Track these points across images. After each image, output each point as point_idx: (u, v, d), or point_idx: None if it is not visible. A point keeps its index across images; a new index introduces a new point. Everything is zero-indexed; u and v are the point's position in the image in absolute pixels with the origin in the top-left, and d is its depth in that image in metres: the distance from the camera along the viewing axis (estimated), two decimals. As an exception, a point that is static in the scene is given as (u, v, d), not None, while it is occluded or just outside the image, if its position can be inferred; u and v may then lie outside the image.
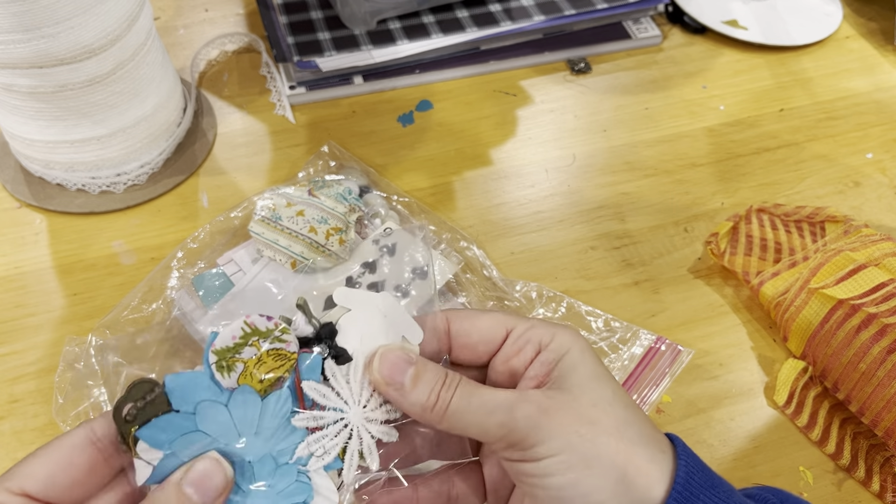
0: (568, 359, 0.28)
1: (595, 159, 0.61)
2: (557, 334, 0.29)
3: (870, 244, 0.50)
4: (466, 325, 0.30)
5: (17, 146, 0.56)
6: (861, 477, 0.45)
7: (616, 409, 0.27)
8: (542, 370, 0.28)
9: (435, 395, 0.27)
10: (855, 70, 0.70)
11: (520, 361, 0.29)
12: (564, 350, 0.28)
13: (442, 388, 0.27)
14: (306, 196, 0.51)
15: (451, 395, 0.27)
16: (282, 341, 0.27)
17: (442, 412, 0.27)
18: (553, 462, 0.26)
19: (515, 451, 0.26)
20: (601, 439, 0.26)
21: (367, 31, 0.67)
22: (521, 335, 0.29)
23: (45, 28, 0.46)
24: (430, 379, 0.27)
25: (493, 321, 0.30)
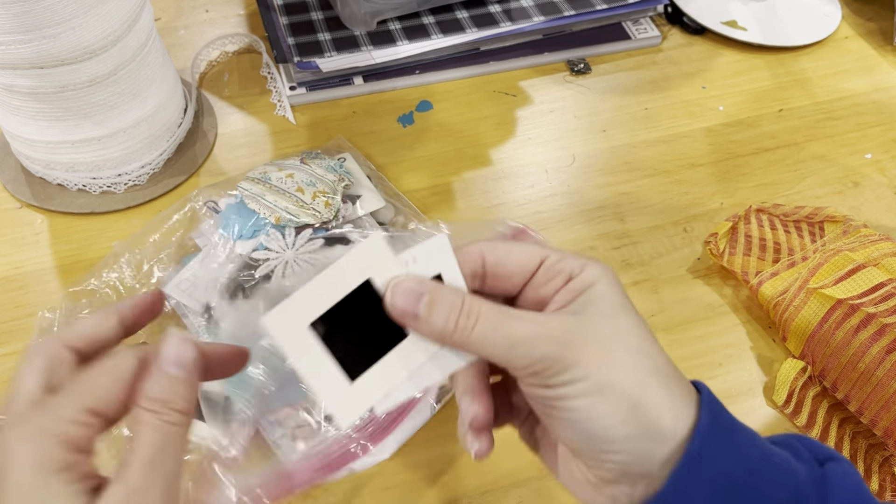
0: (595, 289, 0.29)
1: (595, 159, 0.61)
2: (588, 265, 0.29)
3: (869, 244, 0.50)
4: (501, 255, 0.30)
5: (18, 146, 0.56)
6: (860, 476, 0.45)
7: (633, 339, 0.28)
8: (568, 297, 0.29)
9: (453, 322, 0.27)
10: (854, 70, 0.70)
11: (548, 289, 0.29)
12: (592, 280, 0.29)
13: (460, 314, 0.27)
14: (298, 163, 0.52)
15: (472, 323, 0.27)
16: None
17: (464, 339, 0.27)
18: (570, 389, 0.27)
19: (537, 380, 0.27)
20: (616, 369, 0.27)
21: (367, 31, 0.67)
22: (553, 265, 0.29)
23: (46, 29, 0.46)
24: (447, 305, 0.27)
25: (527, 251, 0.30)
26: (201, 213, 0.53)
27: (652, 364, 0.27)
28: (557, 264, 0.29)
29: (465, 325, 0.27)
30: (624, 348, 0.27)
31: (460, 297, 0.28)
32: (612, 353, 0.27)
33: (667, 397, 0.27)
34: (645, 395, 0.26)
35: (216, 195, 0.54)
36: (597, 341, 0.27)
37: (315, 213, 0.50)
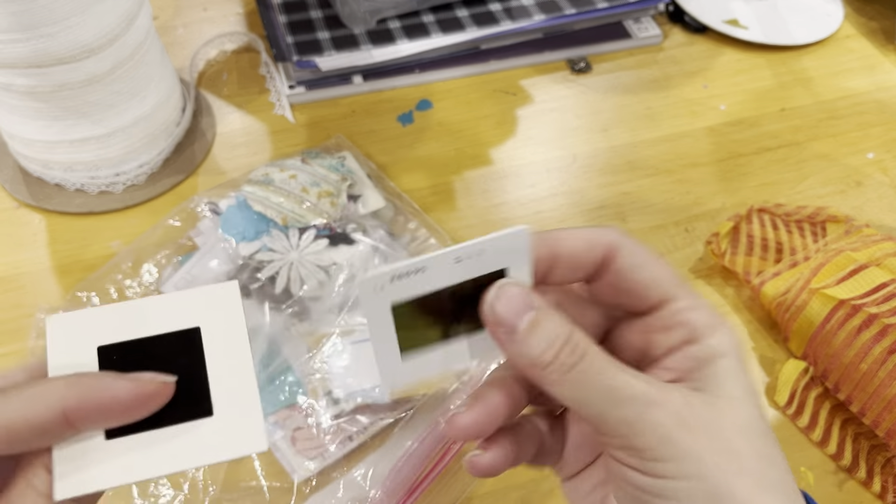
0: (722, 364, 0.23)
1: (595, 159, 0.61)
2: (718, 331, 0.24)
3: (871, 244, 0.50)
4: (634, 265, 0.24)
5: (15, 146, 0.56)
6: (862, 478, 0.45)
7: (760, 442, 0.23)
8: (687, 365, 0.24)
9: (552, 354, 0.23)
10: (856, 69, 0.69)
11: (662, 341, 0.24)
12: (721, 353, 0.24)
13: (563, 347, 0.23)
14: (299, 163, 0.52)
15: (573, 362, 0.23)
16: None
17: (559, 376, 0.23)
18: (677, 486, 0.22)
19: (632, 456, 0.22)
20: (739, 478, 0.21)
21: (367, 30, 0.67)
22: (680, 312, 0.24)
23: (43, 27, 0.46)
24: (552, 332, 0.23)
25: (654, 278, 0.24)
26: (200, 213, 0.53)
27: (778, 477, 0.22)
28: (686, 313, 0.24)
29: (566, 361, 0.23)
30: (751, 452, 0.22)
31: (568, 327, 0.23)
32: (738, 455, 0.22)
33: None
34: None
35: (216, 196, 0.54)
36: (722, 434, 0.22)
37: (322, 214, 0.50)
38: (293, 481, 0.43)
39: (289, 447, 0.44)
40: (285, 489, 0.43)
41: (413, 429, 0.44)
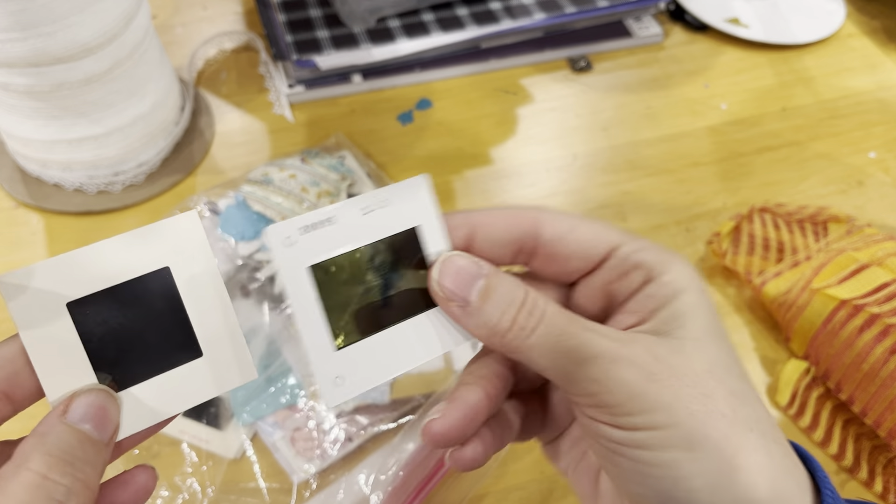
0: (684, 300, 0.23)
1: (596, 158, 0.61)
2: (674, 265, 0.23)
3: (872, 244, 0.50)
4: (562, 231, 0.24)
5: (14, 145, 0.55)
6: (864, 478, 0.44)
7: (732, 379, 0.22)
8: (649, 306, 0.23)
9: (509, 319, 0.22)
10: (858, 68, 0.69)
11: (622, 288, 0.24)
12: (680, 288, 0.23)
13: (520, 310, 0.22)
14: (299, 163, 0.52)
15: (534, 324, 0.22)
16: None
17: (519, 343, 0.22)
18: (650, 436, 0.21)
19: (603, 413, 0.22)
20: (713, 419, 0.21)
21: (367, 29, 0.66)
22: (628, 256, 0.23)
23: (42, 27, 0.46)
24: (506, 296, 0.22)
25: (595, 232, 0.24)
26: (199, 212, 0.53)
27: (752, 414, 0.22)
28: (634, 255, 0.23)
29: (525, 324, 0.22)
30: (722, 391, 0.22)
31: (522, 290, 0.22)
32: (710, 397, 0.21)
33: (767, 464, 0.21)
34: (742, 456, 0.21)
35: (215, 196, 0.54)
36: (692, 378, 0.21)
37: None
38: (293, 482, 0.43)
39: (288, 448, 0.43)
40: (285, 490, 0.42)
41: (414, 430, 0.44)
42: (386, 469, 0.42)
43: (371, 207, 0.24)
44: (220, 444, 0.44)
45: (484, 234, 0.24)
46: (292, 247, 0.23)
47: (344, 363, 0.23)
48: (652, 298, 0.23)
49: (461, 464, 0.24)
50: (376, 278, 0.24)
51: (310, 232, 0.23)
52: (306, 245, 0.23)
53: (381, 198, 0.24)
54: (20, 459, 0.19)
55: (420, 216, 0.24)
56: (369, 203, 0.24)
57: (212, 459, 0.43)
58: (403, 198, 0.24)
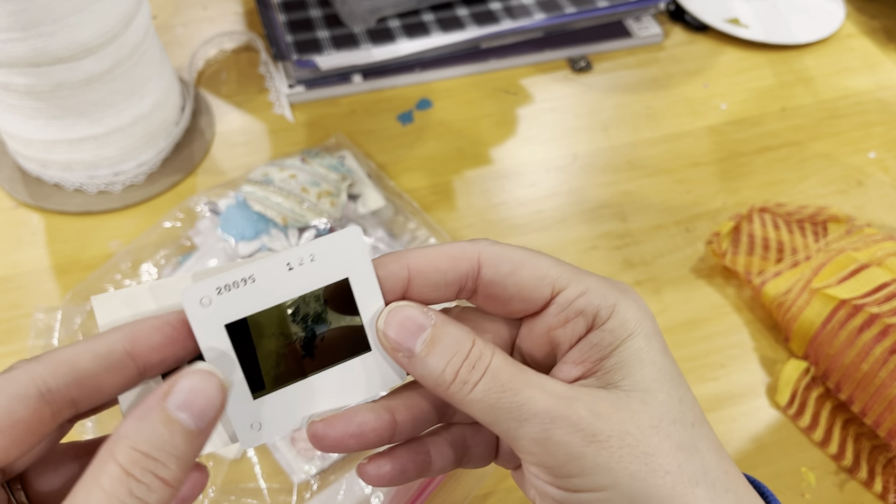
0: (629, 347, 0.22)
1: (596, 158, 0.61)
2: (619, 308, 0.22)
3: (872, 244, 0.50)
4: (502, 274, 0.23)
5: (14, 145, 0.55)
6: (863, 478, 0.44)
7: (681, 431, 0.22)
8: (592, 355, 0.23)
9: (452, 372, 0.22)
10: (857, 69, 0.69)
11: (565, 336, 0.23)
12: (626, 333, 0.22)
13: (463, 364, 0.22)
14: (299, 163, 0.52)
15: (476, 379, 0.21)
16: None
17: (462, 397, 0.22)
18: (592, 497, 0.21)
19: (546, 472, 0.22)
20: (655, 478, 0.21)
21: (367, 29, 0.66)
22: (571, 303, 0.23)
23: (42, 26, 0.46)
24: (451, 349, 0.22)
25: (536, 275, 0.23)
26: (200, 213, 0.53)
27: (700, 467, 0.21)
28: (577, 301, 0.23)
29: (467, 378, 0.22)
30: (668, 446, 0.21)
31: (469, 340, 0.22)
32: (652, 454, 0.21)
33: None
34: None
35: (215, 196, 0.54)
36: (634, 436, 0.21)
37: (322, 213, 0.50)
38: (293, 483, 0.43)
39: (288, 448, 0.43)
40: (285, 490, 0.42)
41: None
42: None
43: (296, 263, 0.23)
44: (221, 444, 0.44)
45: (422, 278, 0.24)
46: (208, 307, 0.22)
47: (261, 411, 0.23)
48: (596, 347, 0.23)
49: (363, 476, 0.25)
50: (300, 330, 0.24)
51: (228, 291, 0.23)
52: (224, 304, 0.22)
53: (309, 252, 0.23)
54: (113, 444, 0.19)
55: (350, 267, 0.24)
56: (295, 259, 0.23)
57: (212, 459, 0.43)
58: (333, 251, 0.23)
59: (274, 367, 0.23)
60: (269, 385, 0.23)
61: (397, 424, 0.24)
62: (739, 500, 0.22)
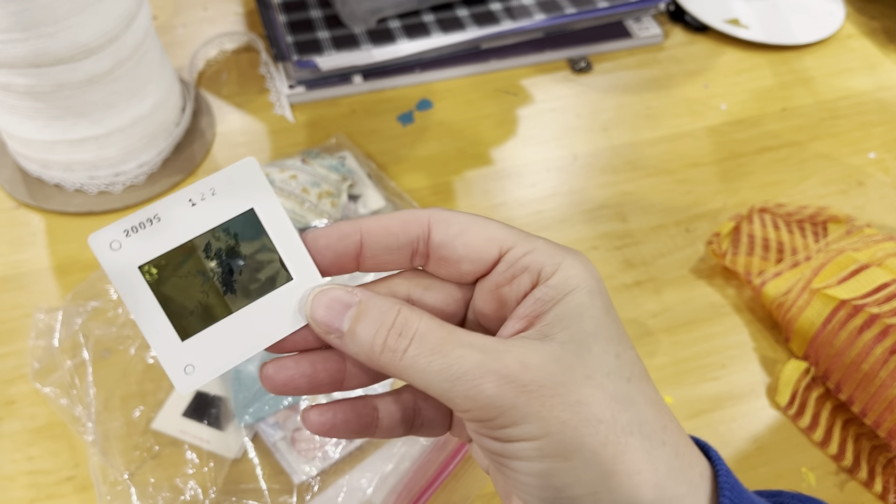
0: (570, 301, 0.22)
1: (596, 159, 0.61)
2: (564, 265, 0.23)
3: (872, 244, 0.50)
4: (451, 235, 0.24)
5: (14, 146, 0.55)
6: (863, 478, 0.44)
7: (616, 383, 0.22)
8: (536, 309, 0.23)
9: (380, 342, 0.22)
10: (857, 69, 0.69)
11: (511, 293, 0.24)
12: (568, 288, 0.22)
13: (390, 332, 0.22)
14: (299, 163, 0.52)
15: (405, 345, 0.22)
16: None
17: (394, 364, 0.22)
18: (525, 447, 0.21)
19: (482, 426, 0.22)
20: (588, 427, 0.21)
21: (367, 29, 0.67)
22: (517, 260, 0.23)
23: (43, 27, 0.46)
24: (376, 320, 0.22)
25: (484, 236, 0.24)
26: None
27: (635, 419, 0.22)
28: (523, 259, 0.23)
29: (396, 346, 0.22)
30: (602, 396, 0.21)
31: (394, 310, 0.22)
32: (585, 403, 0.21)
33: (649, 467, 0.21)
34: (622, 462, 0.21)
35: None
36: (565, 385, 0.21)
37: (322, 214, 0.50)
38: (293, 483, 0.43)
39: (289, 448, 0.44)
40: (286, 491, 0.42)
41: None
42: (388, 470, 0.42)
43: (198, 198, 0.24)
44: (221, 445, 0.44)
45: (373, 240, 0.24)
46: (119, 251, 0.23)
47: (192, 353, 0.24)
48: (538, 302, 0.23)
49: (305, 422, 0.25)
50: (216, 265, 0.24)
51: (136, 233, 0.23)
52: (133, 246, 0.23)
53: (209, 186, 0.24)
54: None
55: (254, 197, 0.24)
56: (195, 193, 0.24)
57: (213, 460, 0.43)
58: (232, 184, 0.24)
59: (197, 306, 0.24)
60: (196, 325, 0.24)
61: (347, 369, 0.25)
62: (677, 455, 0.22)
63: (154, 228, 0.23)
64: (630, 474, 0.21)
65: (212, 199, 0.24)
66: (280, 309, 0.24)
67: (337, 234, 0.24)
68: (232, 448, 0.44)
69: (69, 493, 0.42)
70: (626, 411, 0.22)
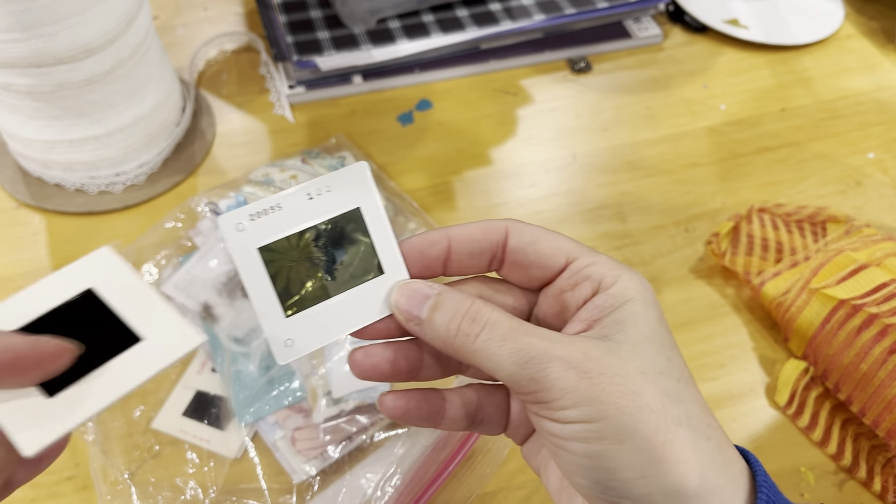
0: (627, 309, 0.25)
1: (596, 159, 0.61)
2: (622, 278, 0.25)
3: (871, 244, 0.50)
4: (525, 242, 0.27)
5: (15, 146, 0.56)
6: (862, 478, 0.45)
7: (667, 381, 0.24)
8: (595, 314, 0.25)
9: (455, 327, 0.25)
10: (856, 69, 0.69)
11: (573, 298, 0.26)
12: (626, 298, 0.25)
13: (464, 318, 0.25)
14: (300, 164, 0.52)
15: (477, 331, 0.24)
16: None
17: (466, 347, 0.24)
18: (582, 428, 0.23)
19: (543, 408, 0.24)
20: (641, 414, 0.23)
21: (367, 30, 0.67)
22: (581, 270, 0.26)
23: (43, 27, 0.46)
24: (452, 308, 0.25)
25: (554, 246, 0.27)
26: (200, 213, 0.53)
27: (684, 412, 0.24)
28: (587, 269, 0.26)
29: (469, 330, 0.24)
30: (654, 391, 0.23)
31: (468, 301, 0.25)
32: (639, 394, 0.23)
33: (695, 457, 0.23)
34: (670, 449, 0.23)
35: (216, 196, 0.54)
36: (623, 377, 0.23)
37: None
38: (293, 483, 0.43)
39: (288, 447, 0.44)
40: (287, 490, 0.43)
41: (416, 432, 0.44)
42: (389, 470, 0.42)
43: (315, 193, 0.27)
44: (221, 444, 0.44)
45: (460, 246, 0.27)
46: (243, 232, 0.26)
47: (293, 329, 0.26)
48: (598, 308, 0.25)
49: (381, 405, 0.28)
50: (323, 255, 0.27)
51: (259, 218, 0.26)
52: (256, 230, 0.26)
53: (325, 184, 0.27)
54: None
55: (362, 197, 0.27)
56: (314, 189, 0.27)
57: (213, 459, 0.43)
58: (345, 183, 0.27)
59: (301, 288, 0.27)
60: (298, 305, 0.26)
61: (424, 359, 0.28)
62: (720, 450, 0.24)
63: (275, 216, 0.26)
64: (677, 462, 0.23)
65: (327, 195, 0.27)
66: (370, 298, 0.27)
67: (428, 240, 0.27)
68: (232, 447, 0.44)
69: (70, 493, 0.43)
70: (675, 405, 0.24)
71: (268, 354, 0.46)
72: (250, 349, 0.46)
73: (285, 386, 0.45)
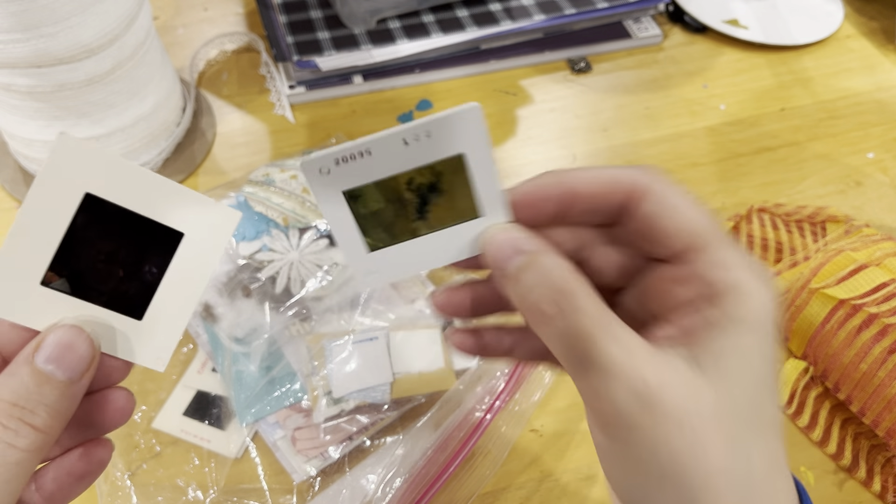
0: (738, 339, 0.21)
1: (596, 159, 0.61)
2: (746, 298, 0.21)
3: (871, 244, 0.50)
4: (663, 209, 0.22)
5: (16, 146, 0.56)
6: (862, 477, 0.45)
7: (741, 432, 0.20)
8: (697, 327, 0.21)
9: (535, 298, 0.22)
10: (856, 69, 0.70)
11: (678, 295, 0.22)
12: (740, 321, 0.21)
13: (549, 292, 0.21)
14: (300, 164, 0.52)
15: (557, 313, 0.21)
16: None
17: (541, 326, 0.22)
18: (626, 452, 0.21)
19: (596, 419, 0.22)
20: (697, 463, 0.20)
21: (367, 30, 0.67)
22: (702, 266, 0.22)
23: (44, 27, 0.46)
24: (540, 274, 0.22)
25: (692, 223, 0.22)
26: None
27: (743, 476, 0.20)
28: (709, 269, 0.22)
29: (549, 309, 0.21)
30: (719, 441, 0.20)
31: (561, 277, 0.21)
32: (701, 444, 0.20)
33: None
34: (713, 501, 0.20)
35: (216, 196, 0.54)
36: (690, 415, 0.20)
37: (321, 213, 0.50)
38: (293, 482, 0.43)
39: (289, 447, 0.44)
40: (287, 490, 0.43)
41: (417, 432, 0.44)
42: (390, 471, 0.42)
43: (412, 139, 0.24)
44: (222, 444, 0.44)
45: (579, 201, 0.24)
46: (327, 175, 0.24)
47: (374, 262, 0.26)
48: (703, 321, 0.21)
49: (451, 340, 0.27)
50: (414, 197, 0.25)
51: (346, 163, 0.24)
52: (341, 173, 0.24)
53: (425, 129, 0.24)
54: None
55: (468, 144, 0.24)
56: (410, 134, 0.24)
57: (214, 459, 0.43)
58: (450, 128, 0.24)
59: (388, 227, 0.25)
60: (382, 242, 0.26)
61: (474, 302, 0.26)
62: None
63: (363, 161, 0.24)
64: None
65: (426, 141, 0.24)
66: (460, 239, 0.26)
67: (542, 194, 0.24)
68: (233, 447, 0.44)
69: (70, 493, 0.43)
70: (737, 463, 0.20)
71: (268, 354, 0.46)
72: (251, 349, 0.46)
73: (286, 387, 0.45)
